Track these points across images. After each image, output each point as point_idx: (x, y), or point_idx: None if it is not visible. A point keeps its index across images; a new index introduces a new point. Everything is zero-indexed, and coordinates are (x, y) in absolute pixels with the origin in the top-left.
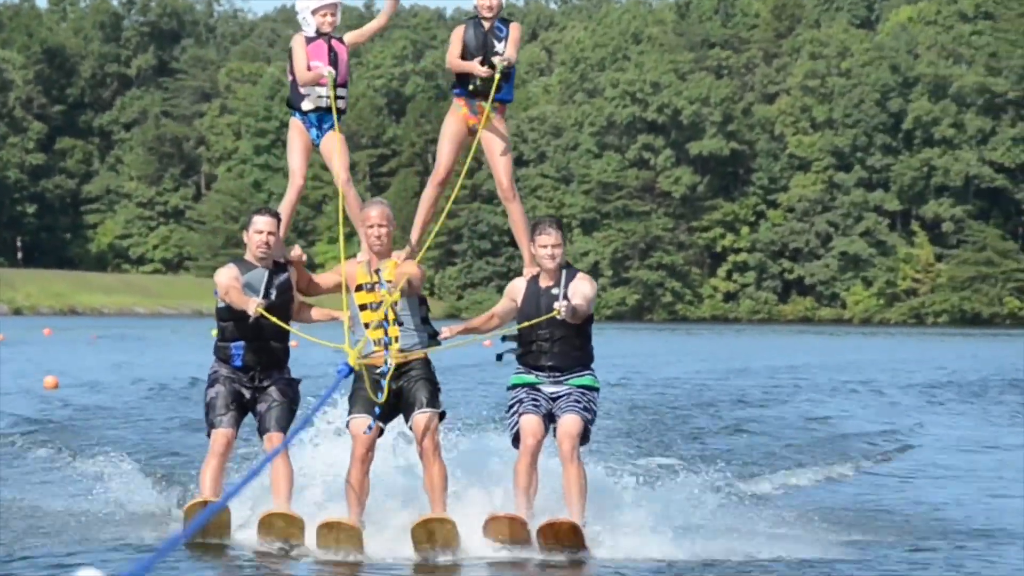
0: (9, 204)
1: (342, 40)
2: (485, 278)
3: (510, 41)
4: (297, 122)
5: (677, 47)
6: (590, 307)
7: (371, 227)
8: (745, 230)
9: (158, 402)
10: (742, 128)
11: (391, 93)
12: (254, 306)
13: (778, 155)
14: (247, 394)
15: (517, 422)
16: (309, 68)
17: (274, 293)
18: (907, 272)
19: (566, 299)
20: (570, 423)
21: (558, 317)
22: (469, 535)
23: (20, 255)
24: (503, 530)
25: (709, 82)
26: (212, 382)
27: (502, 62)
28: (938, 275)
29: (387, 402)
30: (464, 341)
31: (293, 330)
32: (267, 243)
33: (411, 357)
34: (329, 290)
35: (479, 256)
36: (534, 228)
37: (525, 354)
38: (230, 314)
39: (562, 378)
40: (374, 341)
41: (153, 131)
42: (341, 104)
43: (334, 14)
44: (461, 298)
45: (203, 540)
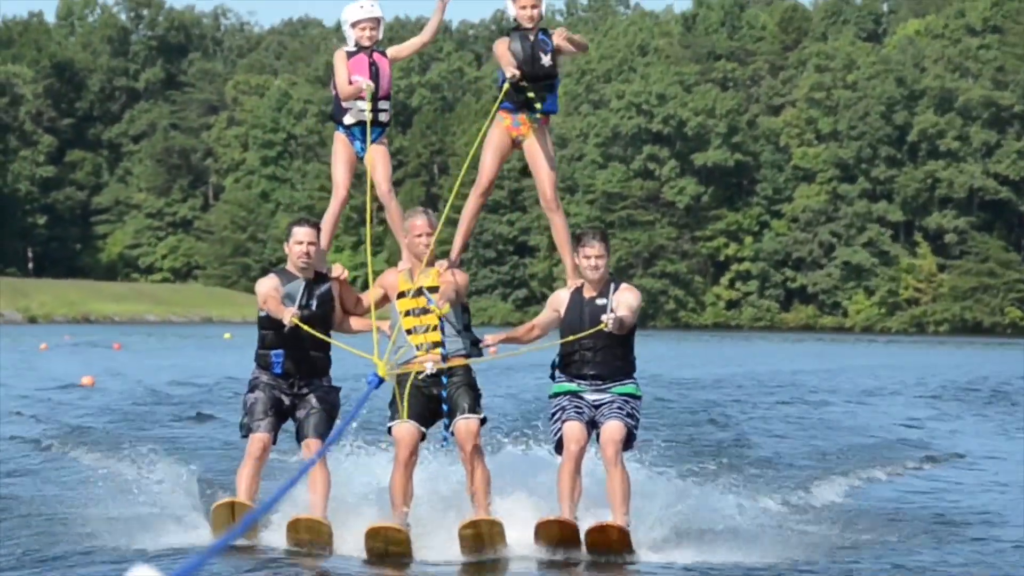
0: (20, 215)
1: (384, 53)
2: (490, 286)
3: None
4: (341, 136)
5: (683, 59)
6: (635, 317)
7: (419, 236)
8: (749, 240)
9: (189, 404)
10: (747, 140)
11: (397, 105)
12: (289, 315)
13: (782, 166)
14: (286, 401)
15: (560, 429)
16: (350, 82)
17: (314, 304)
18: (909, 282)
19: (612, 311)
20: (613, 428)
21: (605, 330)
22: (517, 539)
23: (31, 265)
24: (554, 533)
25: (715, 94)
26: (252, 387)
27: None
28: (940, 285)
29: (429, 408)
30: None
31: (328, 339)
32: (308, 253)
33: (453, 363)
34: (377, 304)
35: (484, 264)
36: (577, 239)
37: (568, 363)
38: (270, 322)
39: (604, 386)
40: (416, 347)
41: (161, 143)
42: (384, 117)
43: (375, 28)
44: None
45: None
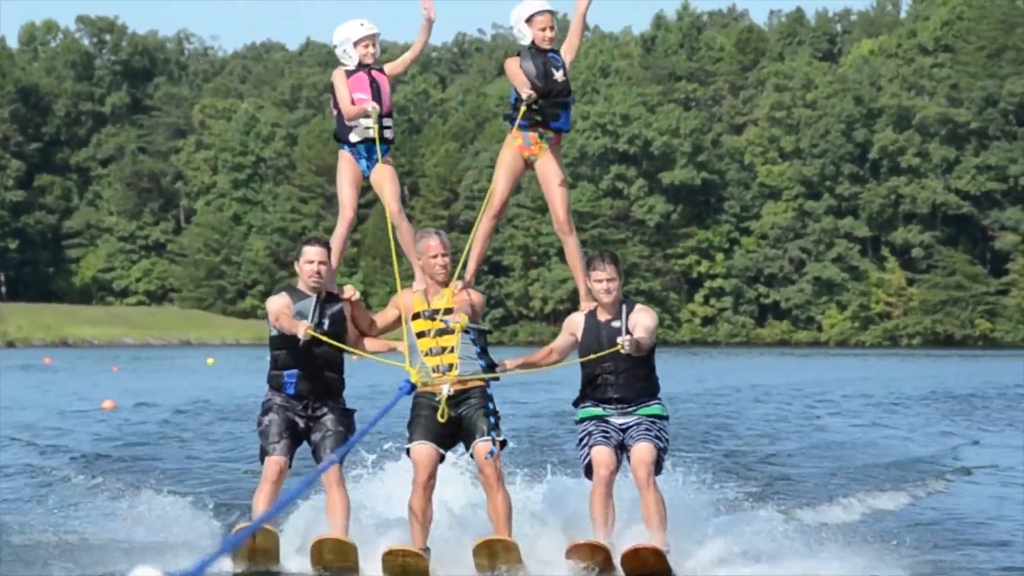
0: None
1: (382, 70)
2: None
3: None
4: (346, 155)
5: (644, 80)
6: (652, 338)
7: (434, 257)
8: (720, 256)
9: (206, 427)
10: (712, 158)
11: None
12: (303, 329)
13: (749, 184)
14: (301, 423)
15: (588, 454)
16: (353, 102)
17: (326, 323)
18: (880, 296)
19: (628, 333)
20: (644, 450)
21: (622, 352)
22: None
23: (4, 289)
24: (585, 557)
25: (678, 114)
26: (266, 410)
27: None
28: (910, 299)
29: (447, 430)
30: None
31: (351, 350)
32: (319, 272)
33: (469, 384)
34: (391, 326)
35: None
36: (589, 263)
37: (591, 388)
38: (283, 341)
39: (630, 409)
40: (432, 368)
41: (130, 167)
42: (389, 134)
43: (375, 45)
44: None
45: (252, 567)
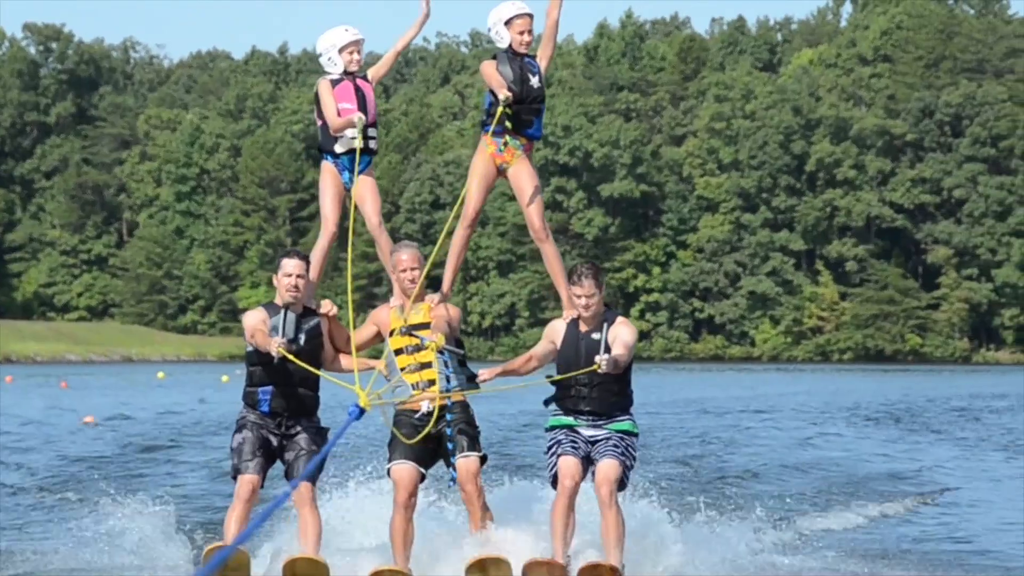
0: None
1: (366, 78)
2: None
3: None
4: (329, 166)
5: (586, 90)
6: (630, 354)
7: (403, 271)
8: (656, 270)
9: (177, 446)
10: (651, 170)
11: (309, 139)
12: (276, 345)
13: (687, 196)
14: (274, 441)
15: (555, 463)
16: (339, 113)
17: (302, 338)
18: (813, 310)
19: (607, 351)
20: (608, 468)
21: (599, 372)
22: None
23: None
24: (542, 575)
25: (619, 125)
26: (239, 427)
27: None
28: (842, 313)
29: (428, 448)
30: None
31: (315, 371)
32: (296, 286)
33: (455, 397)
34: (368, 342)
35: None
36: (570, 274)
37: (564, 398)
38: (258, 357)
39: (601, 422)
40: (412, 385)
41: (74, 179)
42: (373, 144)
43: (360, 51)
44: None
45: None
